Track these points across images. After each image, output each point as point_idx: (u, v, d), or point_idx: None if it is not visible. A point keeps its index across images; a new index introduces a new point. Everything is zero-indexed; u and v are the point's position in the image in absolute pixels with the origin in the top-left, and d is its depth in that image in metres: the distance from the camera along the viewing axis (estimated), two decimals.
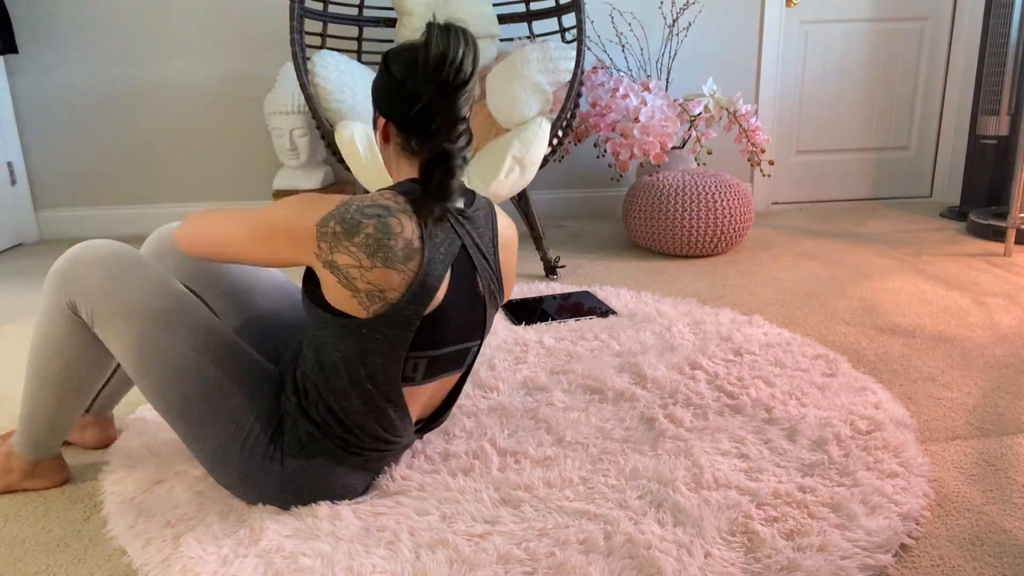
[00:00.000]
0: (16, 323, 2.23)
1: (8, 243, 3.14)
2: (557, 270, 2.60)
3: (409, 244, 1.10)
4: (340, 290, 1.10)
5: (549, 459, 1.38)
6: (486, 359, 1.84)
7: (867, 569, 1.10)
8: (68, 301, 1.19)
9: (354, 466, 1.24)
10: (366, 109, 2.51)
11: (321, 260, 1.10)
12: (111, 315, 1.16)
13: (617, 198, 3.57)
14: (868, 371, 1.80)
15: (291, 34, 2.46)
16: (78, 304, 1.18)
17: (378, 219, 1.09)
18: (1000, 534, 1.19)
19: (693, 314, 2.13)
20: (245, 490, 1.21)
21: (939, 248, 2.89)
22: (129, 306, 1.16)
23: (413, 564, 1.10)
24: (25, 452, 1.31)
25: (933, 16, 3.52)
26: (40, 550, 1.19)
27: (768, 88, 3.48)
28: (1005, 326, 2.07)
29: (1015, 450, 1.44)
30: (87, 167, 3.28)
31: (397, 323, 1.12)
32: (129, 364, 1.17)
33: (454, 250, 1.17)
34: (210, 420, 1.16)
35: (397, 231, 1.09)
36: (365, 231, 1.08)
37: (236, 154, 3.33)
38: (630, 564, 1.09)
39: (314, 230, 1.09)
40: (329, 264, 1.09)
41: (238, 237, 1.16)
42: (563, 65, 2.50)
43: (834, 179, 3.69)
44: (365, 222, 1.09)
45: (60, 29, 3.12)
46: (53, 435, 1.30)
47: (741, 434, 1.46)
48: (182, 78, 3.22)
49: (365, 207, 1.10)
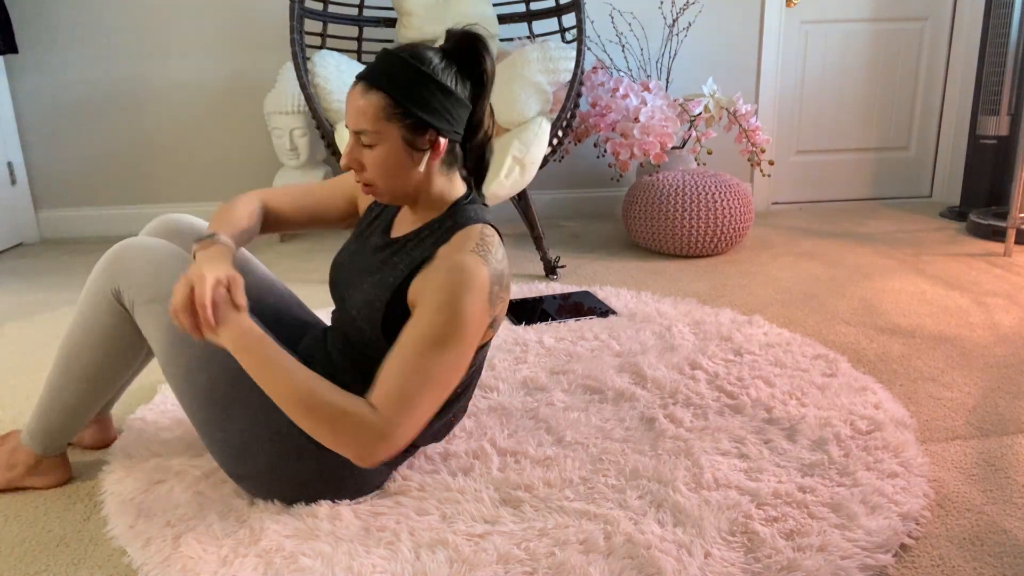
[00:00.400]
0: (16, 323, 2.23)
1: (8, 243, 3.14)
2: (557, 270, 2.60)
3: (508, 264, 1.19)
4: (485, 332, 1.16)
5: (549, 459, 1.38)
6: (486, 359, 1.84)
7: (867, 569, 1.10)
8: (113, 288, 1.21)
9: (391, 463, 1.28)
10: None
11: (490, 324, 1.16)
12: (151, 300, 1.19)
13: (617, 198, 3.57)
14: (868, 371, 1.80)
15: (291, 34, 2.46)
16: (122, 290, 1.21)
17: (505, 259, 1.16)
18: (1000, 534, 1.19)
19: (693, 314, 2.13)
20: (269, 480, 1.20)
21: (939, 248, 2.89)
22: (168, 291, 1.18)
23: (413, 564, 1.10)
24: (34, 445, 1.32)
25: (933, 16, 3.52)
26: (40, 550, 1.19)
27: (768, 88, 3.48)
28: (1005, 326, 2.07)
29: (1015, 450, 1.44)
30: (87, 167, 3.28)
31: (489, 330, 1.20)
32: (163, 349, 1.19)
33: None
34: (238, 405, 1.16)
35: (507, 258, 1.18)
36: (506, 276, 1.16)
37: (236, 154, 3.33)
38: (630, 564, 1.09)
39: (489, 306, 1.12)
40: (492, 322, 1.16)
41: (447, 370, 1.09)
42: (563, 65, 2.50)
43: (834, 179, 3.69)
44: (504, 271, 1.15)
45: (60, 29, 3.12)
46: (66, 428, 1.31)
47: (741, 434, 1.46)
48: (182, 78, 3.22)
49: (494, 253, 1.14)
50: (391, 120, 1.09)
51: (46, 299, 2.45)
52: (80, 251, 3.09)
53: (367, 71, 1.11)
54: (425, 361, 1.06)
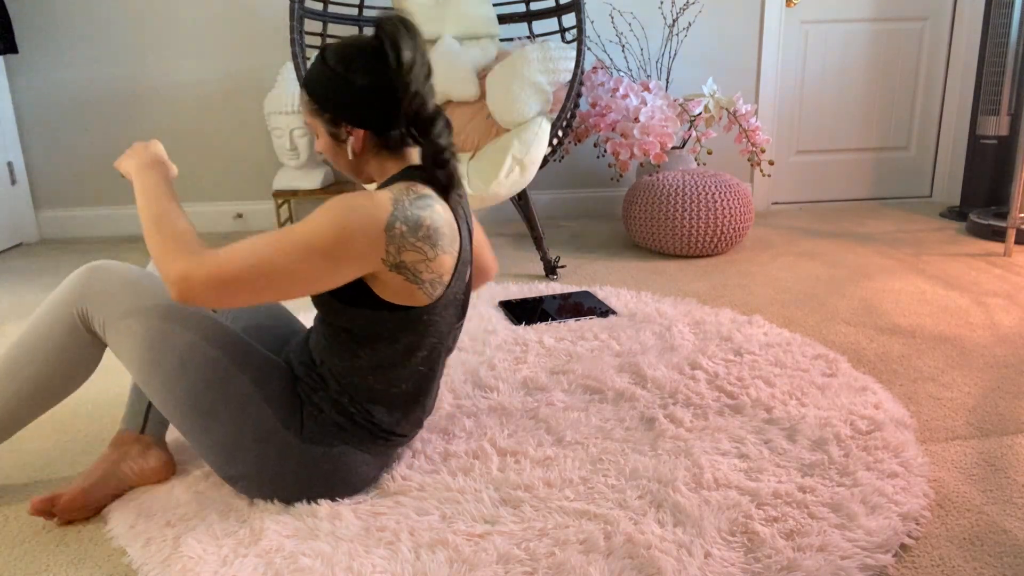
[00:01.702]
0: (16, 323, 2.23)
1: (8, 243, 3.14)
2: (557, 270, 2.60)
3: (452, 227, 1.17)
4: (405, 286, 1.13)
5: (549, 459, 1.38)
6: (486, 359, 1.84)
7: (867, 569, 1.10)
8: (80, 310, 1.20)
9: (376, 454, 1.28)
10: None
11: (388, 263, 1.11)
12: (123, 315, 1.18)
13: (617, 198, 3.57)
14: (868, 371, 1.80)
15: (291, 34, 2.46)
16: (91, 313, 1.20)
17: (430, 209, 1.13)
18: (1000, 534, 1.19)
19: (693, 314, 2.13)
20: (259, 481, 1.21)
21: (939, 248, 2.89)
22: (141, 305, 1.19)
23: (413, 564, 1.10)
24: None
25: (933, 16, 3.52)
26: (40, 550, 1.19)
27: (768, 88, 3.48)
28: (1005, 326, 2.07)
29: (1015, 450, 1.44)
30: (87, 167, 3.28)
31: (451, 302, 1.22)
32: (139, 363, 1.18)
33: (467, 227, 1.25)
34: (219, 408, 1.17)
35: (446, 218, 1.16)
36: (425, 224, 1.12)
37: (236, 154, 3.33)
38: (630, 564, 1.09)
39: (384, 235, 1.09)
40: (396, 266, 1.11)
41: (291, 269, 1.05)
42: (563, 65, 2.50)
43: (834, 179, 3.69)
44: (423, 215, 1.12)
45: (60, 29, 3.12)
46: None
47: (741, 434, 1.46)
48: (182, 78, 3.22)
49: (415, 201, 1.12)
50: (315, 116, 1.19)
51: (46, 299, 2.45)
52: (80, 251, 3.09)
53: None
54: (279, 242, 1.05)
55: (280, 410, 1.19)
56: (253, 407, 1.17)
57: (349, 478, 1.24)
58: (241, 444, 1.18)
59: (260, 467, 1.19)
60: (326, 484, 1.22)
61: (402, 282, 1.13)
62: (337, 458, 1.21)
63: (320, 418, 1.20)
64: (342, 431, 1.22)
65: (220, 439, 1.18)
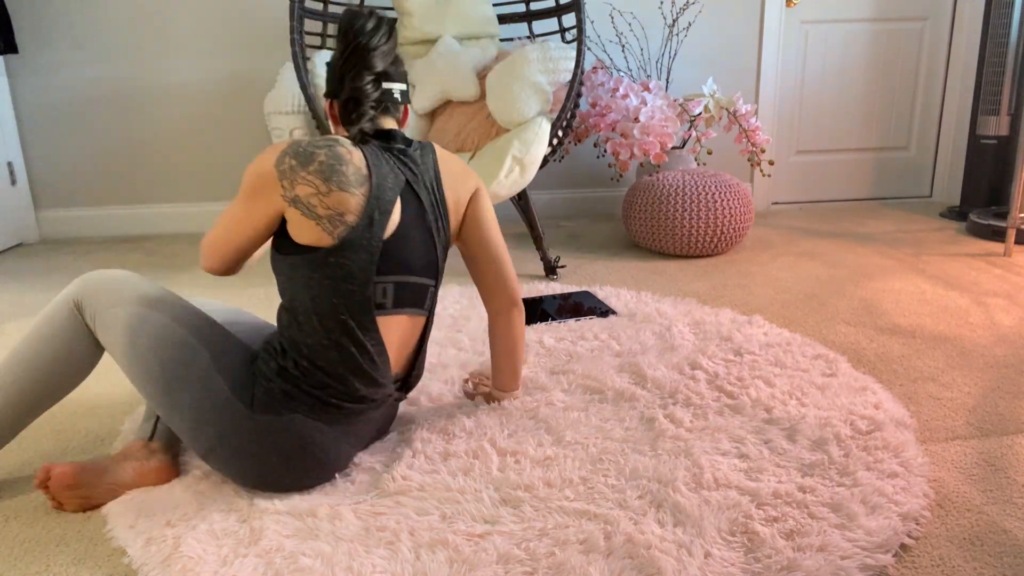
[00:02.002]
0: (16, 323, 2.23)
1: (8, 243, 3.14)
2: (557, 270, 2.60)
3: (359, 171, 1.23)
4: (305, 222, 1.21)
5: (549, 459, 1.38)
6: (486, 359, 1.84)
7: (867, 569, 1.10)
8: (76, 300, 1.29)
9: (330, 422, 1.28)
10: None
11: (287, 199, 1.21)
12: (110, 306, 1.27)
13: (617, 198, 3.57)
14: (868, 371, 1.80)
15: (291, 34, 2.46)
16: (83, 304, 1.29)
17: (328, 148, 1.22)
18: (1000, 534, 1.19)
19: (693, 314, 2.13)
20: (224, 455, 1.23)
21: (939, 248, 2.89)
22: (126, 296, 1.28)
23: (413, 564, 1.10)
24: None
25: (933, 16, 3.52)
26: (40, 550, 1.19)
27: (768, 88, 3.48)
28: (1005, 326, 2.07)
29: (1015, 450, 1.44)
30: (87, 167, 3.28)
31: (362, 247, 1.24)
32: (121, 347, 1.25)
33: (400, 182, 1.30)
34: (184, 382, 1.22)
35: (347, 158, 1.23)
36: (318, 159, 1.21)
37: (236, 154, 3.33)
38: (630, 564, 1.09)
39: (274, 171, 1.21)
40: (292, 200, 1.21)
41: (227, 219, 1.28)
42: (563, 65, 2.50)
43: (834, 179, 3.69)
44: (317, 152, 1.22)
45: (60, 29, 3.12)
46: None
47: (741, 434, 1.46)
48: (182, 78, 3.22)
49: (315, 140, 1.24)
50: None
51: (46, 299, 2.45)
52: (80, 251, 3.09)
53: None
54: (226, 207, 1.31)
55: (235, 383, 1.23)
56: (211, 380, 1.23)
57: (305, 446, 1.25)
58: (203, 417, 1.22)
59: (221, 439, 1.22)
60: (281, 454, 1.24)
61: (301, 218, 1.21)
62: (288, 426, 1.23)
63: (269, 387, 1.24)
64: (290, 399, 1.24)
65: (188, 414, 1.22)
